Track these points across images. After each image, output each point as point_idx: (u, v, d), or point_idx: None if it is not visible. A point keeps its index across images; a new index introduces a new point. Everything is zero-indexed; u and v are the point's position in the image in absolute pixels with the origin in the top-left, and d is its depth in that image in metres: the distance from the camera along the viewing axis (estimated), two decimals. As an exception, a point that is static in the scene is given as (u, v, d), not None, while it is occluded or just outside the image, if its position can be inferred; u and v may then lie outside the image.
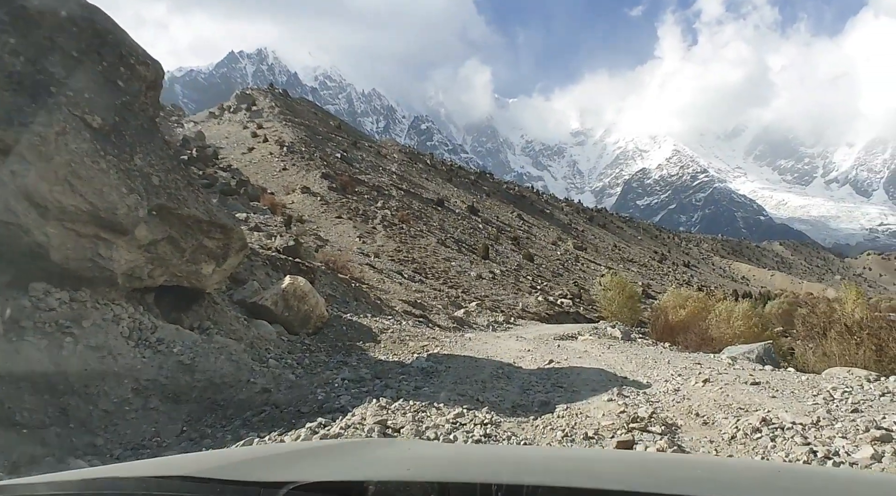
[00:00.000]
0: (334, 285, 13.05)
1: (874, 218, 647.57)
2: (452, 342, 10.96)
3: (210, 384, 5.61)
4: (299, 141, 49.58)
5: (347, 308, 12.16)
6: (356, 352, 8.97)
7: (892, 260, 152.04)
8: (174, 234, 6.02)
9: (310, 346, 9.12)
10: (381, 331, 10.79)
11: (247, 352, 7.07)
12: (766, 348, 10.68)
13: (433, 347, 9.96)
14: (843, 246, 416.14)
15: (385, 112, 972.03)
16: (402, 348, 9.74)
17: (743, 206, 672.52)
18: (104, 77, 5.31)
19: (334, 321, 10.67)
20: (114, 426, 4.63)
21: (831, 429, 4.67)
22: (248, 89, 72.69)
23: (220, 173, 34.65)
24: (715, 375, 7.28)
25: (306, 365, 7.82)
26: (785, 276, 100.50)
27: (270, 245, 13.73)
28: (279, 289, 9.73)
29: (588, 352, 10.39)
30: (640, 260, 67.50)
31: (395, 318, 12.97)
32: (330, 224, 30.64)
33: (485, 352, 9.84)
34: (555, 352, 10.10)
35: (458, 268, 30.04)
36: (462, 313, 17.28)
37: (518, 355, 9.66)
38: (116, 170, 5.04)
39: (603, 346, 11.58)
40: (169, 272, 6.25)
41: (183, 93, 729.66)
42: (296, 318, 9.66)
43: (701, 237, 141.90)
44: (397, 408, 5.38)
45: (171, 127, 49.37)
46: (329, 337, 9.98)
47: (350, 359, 8.45)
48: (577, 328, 16.40)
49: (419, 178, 59.44)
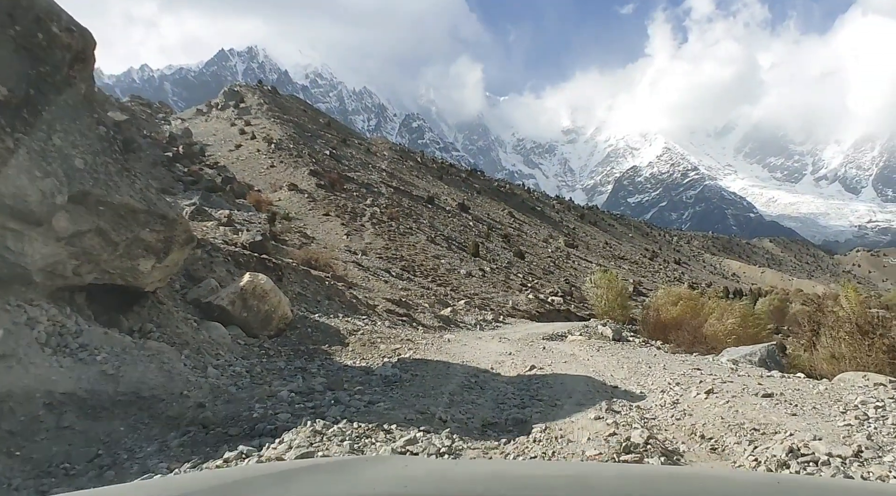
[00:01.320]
0: (305, 283, 12.32)
1: (863, 215, 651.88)
2: (429, 344, 10.27)
3: (137, 398, 4.92)
4: (287, 138, 48.98)
5: (318, 308, 11.48)
6: (320, 357, 8.21)
7: (881, 257, 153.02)
8: (104, 225, 5.35)
9: (268, 351, 8.37)
10: (350, 333, 10.03)
11: (189, 359, 6.40)
12: (769, 350, 10.02)
13: (406, 351, 9.26)
14: (833, 243, 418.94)
15: (376, 110, 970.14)
16: (372, 352, 9.01)
17: (733, 204, 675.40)
18: (15, 43, 4.64)
19: (299, 322, 9.92)
20: (18, 449, 3.98)
21: (880, 464, 3.82)
22: (236, 86, 71.83)
23: (206, 170, 34.06)
24: (718, 384, 6.46)
25: (256, 373, 7.05)
26: (775, 273, 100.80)
27: (236, 240, 12.89)
28: (237, 287, 9.00)
29: (575, 356, 9.67)
30: (631, 257, 67.24)
31: (371, 318, 12.30)
32: (317, 221, 30.12)
33: (462, 357, 9.15)
34: (538, 356, 9.42)
35: (447, 265, 29.57)
36: (449, 312, 16.75)
37: (498, 359, 9.01)
38: (27, 149, 4.38)
39: (592, 348, 10.86)
40: (99, 269, 5.55)
41: (173, 91, 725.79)
42: (255, 319, 8.97)
43: (692, 234, 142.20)
44: (335, 434, 4.54)
45: (158, 124, 48.75)
46: (292, 340, 9.23)
47: (310, 366, 7.72)
48: (567, 327, 15.92)
49: (409, 176, 58.92)
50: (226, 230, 13.17)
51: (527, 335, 13.53)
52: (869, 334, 7.45)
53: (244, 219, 20.66)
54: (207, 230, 13.13)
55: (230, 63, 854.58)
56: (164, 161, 30.64)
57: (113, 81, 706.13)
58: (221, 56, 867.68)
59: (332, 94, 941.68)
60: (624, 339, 14.59)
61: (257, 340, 8.73)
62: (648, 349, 11.70)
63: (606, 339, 12.82)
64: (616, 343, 12.18)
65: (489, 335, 13.59)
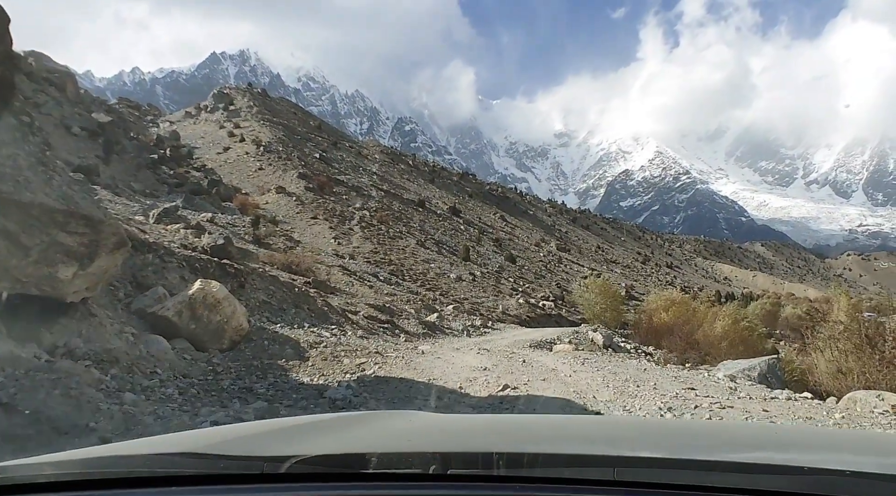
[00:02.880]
0: (271, 290, 11.39)
1: (854, 219, 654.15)
2: (398, 358, 9.45)
3: (36, 432, 4.14)
4: (277, 141, 48.50)
5: (282, 317, 10.64)
6: (274, 374, 7.44)
7: (871, 260, 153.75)
8: (11, 226, 4.68)
9: (216, 367, 7.45)
10: (312, 346, 9.14)
11: (116, 380, 5.65)
12: (770, 365, 9.27)
13: (371, 366, 8.51)
14: (824, 247, 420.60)
15: (369, 113, 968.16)
16: (334, 367, 8.24)
17: (725, 208, 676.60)
18: None
19: (257, 334, 9.05)
20: None
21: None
22: (226, 89, 71.25)
23: (193, 173, 33.61)
24: (717, 410, 5.87)
25: (190, 396, 6.10)
26: (767, 277, 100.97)
27: (197, 244, 12.05)
28: (185, 296, 8.18)
29: (557, 371, 8.87)
30: (623, 261, 67.03)
31: (341, 328, 11.48)
32: (305, 225, 29.70)
33: (431, 373, 8.39)
34: (516, 372, 8.68)
35: (437, 269, 29.19)
36: (435, 318, 16.30)
37: (471, 376, 8.20)
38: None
39: (576, 362, 10.04)
40: (9, 277, 4.86)
41: (164, 94, 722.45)
42: (205, 332, 8.16)
43: (684, 238, 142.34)
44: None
45: (146, 126, 48.17)
46: (246, 354, 8.35)
47: (259, 385, 6.88)
48: (557, 333, 15.54)
49: (400, 179, 58.51)
50: (187, 233, 12.37)
51: (513, 343, 13.00)
52: (878, 347, 6.81)
53: (227, 222, 20.24)
54: (165, 233, 12.21)
55: (222, 66, 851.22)
56: (149, 163, 30.15)
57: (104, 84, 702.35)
58: (213, 59, 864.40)
59: (325, 97, 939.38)
60: (614, 346, 14.21)
61: (206, 355, 7.95)
62: (638, 361, 10.96)
63: (595, 349, 12.18)
64: (604, 354, 11.45)
65: (471, 344, 12.93)
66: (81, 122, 25.46)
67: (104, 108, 40.61)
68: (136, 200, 16.03)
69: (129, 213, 13.07)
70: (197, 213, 19.76)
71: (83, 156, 20.14)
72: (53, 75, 31.43)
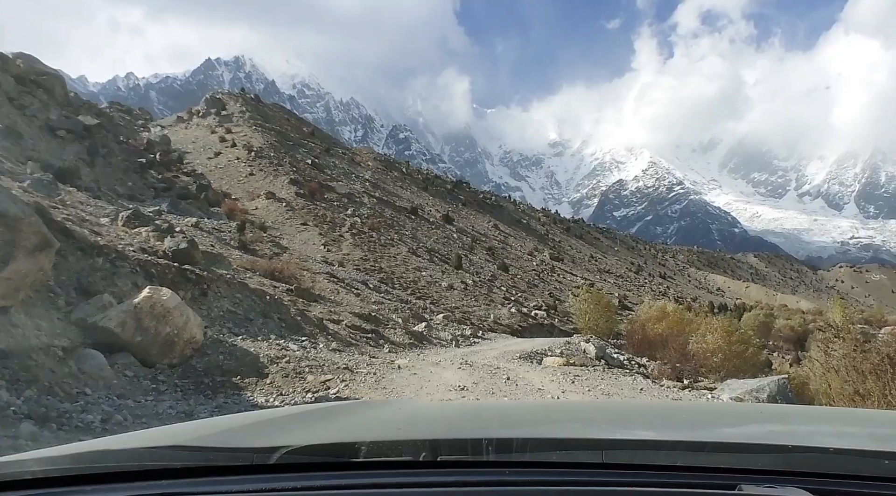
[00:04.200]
0: (237, 299, 10.51)
1: (845, 231, 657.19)
2: (370, 374, 8.72)
3: None
4: (268, 146, 48.09)
5: (247, 328, 9.75)
6: (225, 393, 6.69)
7: (863, 272, 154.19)
8: None
9: (159, 386, 6.60)
10: (273, 361, 8.25)
11: (28, 403, 4.86)
12: (780, 385, 8.58)
13: (338, 383, 7.80)
14: (816, 258, 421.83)
15: (363, 121, 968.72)
16: (296, 385, 7.47)
17: (718, 219, 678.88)
18: None
19: (212, 347, 8.12)
20: None
21: None
22: (218, 93, 70.82)
23: (182, 178, 33.16)
24: None
25: (114, 423, 5.19)
26: (760, 288, 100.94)
27: (158, 248, 11.19)
28: (130, 305, 7.31)
29: (543, 392, 8.22)
30: (616, 271, 66.80)
31: (312, 340, 10.61)
32: (294, 231, 29.29)
33: (402, 393, 7.65)
34: (498, 393, 8.00)
35: (428, 278, 28.79)
36: (423, 327, 15.85)
37: (445, 398, 7.35)
38: None
39: (566, 379, 9.35)
40: None
41: (158, 99, 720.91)
42: (153, 345, 7.30)
43: (677, 248, 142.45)
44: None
45: (137, 130, 47.71)
46: (198, 369, 7.44)
47: (204, 407, 6.02)
48: (549, 344, 15.12)
49: (393, 186, 58.16)
50: (150, 236, 11.61)
51: (501, 354, 12.48)
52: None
53: (213, 227, 19.77)
54: (125, 236, 11.39)
55: (217, 72, 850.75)
56: (136, 167, 29.69)
57: (98, 89, 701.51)
58: (208, 65, 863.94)
59: (320, 104, 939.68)
60: (607, 357, 13.82)
61: (152, 371, 7.12)
62: (633, 379, 10.37)
63: (586, 364, 11.55)
64: (595, 370, 10.87)
65: (456, 356, 12.27)
66: (67, 125, 24.97)
67: (94, 112, 40.11)
68: (116, 203, 15.56)
69: (103, 214, 12.52)
70: (181, 217, 19.31)
71: (66, 158, 19.66)
72: (42, 78, 30.90)
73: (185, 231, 16.11)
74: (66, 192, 13.59)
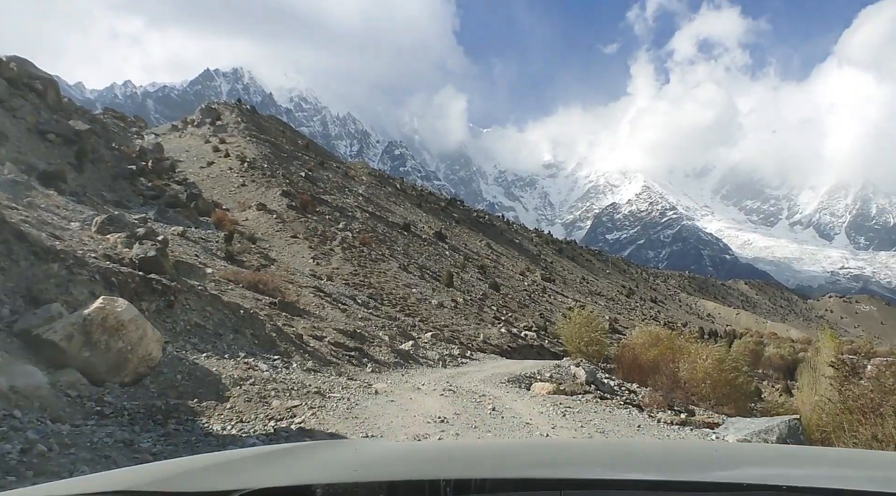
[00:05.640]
0: (207, 312, 9.78)
1: (836, 261, 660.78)
2: (343, 400, 8.03)
3: None
4: (262, 157, 47.84)
5: (215, 344, 8.99)
6: (178, 419, 5.93)
7: (852, 303, 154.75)
8: None
9: (103, 409, 5.84)
10: (236, 382, 7.52)
11: None
12: (790, 427, 7.96)
13: (305, 410, 7.12)
14: (806, 287, 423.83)
15: (359, 136, 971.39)
16: (258, 411, 6.78)
17: (709, 245, 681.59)
18: None
19: (170, 365, 7.40)
20: None
21: None
22: (214, 103, 70.66)
23: (173, 186, 32.79)
24: None
25: (35, 455, 4.35)
26: (750, 315, 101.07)
27: (125, 255, 10.45)
28: (79, 316, 6.62)
29: (531, 427, 7.59)
30: (607, 293, 66.60)
31: (286, 359, 9.90)
32: (283, 243, 28.90)
33: (374, 425, 7.01)
34: (481, 427, 7.33)
35: (418, 295, 28.42)
36: (410, 346, 15.46)
37: (422, 433, 6.66)
38: None
39: (557, 411, 8.69)
40: None
41: (155, 108, 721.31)
42: (102, 361, 6.60)
43: (668, 273, 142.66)
44: None
45: (131, 138, 47.39)
46: (151, 391, 6.74)
47: (146, 438, 5.25)
48: (538, 366, 14.76)
49: (387, 202, 57.93)
50: (117, 243, 10.99)
51: (489, 376, 12.04)
52: None
53: (199, 236, 19.38)
54: (89, 241, 10.74)
55: (215, 83, 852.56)
56: (127, 174, 29.35)
57: (95, 96, 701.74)
58: (206, 76, 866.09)
59: (316, 118, 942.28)
60: (597, 382, 13.48)
61: (100, 391, 6.39)
62: (628, 412, 9.74)
63: (576, 391, 11.04)
64: (588, 401, 10.31)
65: (440, 378, 11.70)
66: (57, 129, 24.65)
67: (87, 117, 39.77)
68: (100, 209, 15.16)
69: (78, 219, 12.08)
70: (168, 225, 18.93)
71: (52, 162, 19.29)
72: (35, 81, 30.69)
73: (170, 239, 15.71)
74: (43, 195, 13.18)
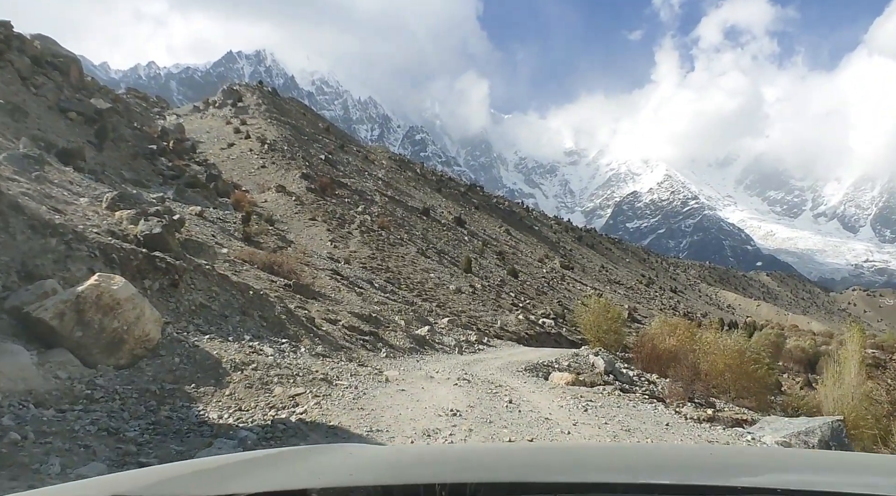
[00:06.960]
0: (214, 292, 9.36)
1: (860, 254, 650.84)
2: (349, 388, 7.52)
3: None
4: (282, 139, 47.82)
5: (220, 326, 8.61)
6: (172, 405, 5.57)
7: (876, 297, 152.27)
8: None
9: (93, 393, 5.42)
10: (237, 367, 7.09)
11: None
12: (833, 428, 7.59)
13: (308, 399, 6.67)
14: (829, 280, 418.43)
15: (380, 120, 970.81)
16: (258, 398, 6.38)
17: (731, 235, 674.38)
18: None
19: (169, 347, 7.00)
20: None
21: None
22: (235, 85, 70.71)
23: (193, 166, 32.91)
24: None
25: (5, 444, 3.99)
26: (771, 307, 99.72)
27: (130, 231, 10.02)
28: (72, 293, 6.22)
29: (551, 423, 7.02)
30: (627, 282, 66.02)
31: (294, 343, 9.43)
32: (302, 225, 28.87)
33: (381, 419, 6.47)
34: (496, 422, 6.80)
35: (436, 280, 28.27)
36: (426, 331, 15.28)
37: (432, 427, 6.21)
38: None
39: (578, 406, 8.10)
40: None
41: (178, 89, 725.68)
42: (95, 342, 6.20)
43: (689, 263, 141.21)
44: None
45: (153, 118, 47.62)
46: (146, 374, 6.32)
47: (133, 427, 4.88)
48: (556, 355, 14.55)
49: (406, 186, 57.74)
50: (122, 218, 10.65)
51: (505, 364, 11.77)
52: None
53: (217, 217, 19.35)
54: (93, 217, 10.32)
55: (237, 65, 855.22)
56: (147, 154, 29.46)
57: (119, 76, 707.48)
58: (229, 58, 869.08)
59: (338, 102, 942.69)
60: (616, 372, 13.25)
61: (92, 373, 5.99)
62: (654, 408, 9.10)
63: (595, 381, 10.74)
64: (608, 393, 9.83)
65: (455, 366, 11.36)
66: (79, 107, 24.72)
67: (110, 97, 39.97)
68: (118, 187, 15.13)
69: (90, 195, 11.99)
70: (186, 205, 18.90)
71: (72, 140, 19.30)
72: (59, 60, 30.82)
73: (188, 219, 15.64)
74: (58, 172, 13.11)
